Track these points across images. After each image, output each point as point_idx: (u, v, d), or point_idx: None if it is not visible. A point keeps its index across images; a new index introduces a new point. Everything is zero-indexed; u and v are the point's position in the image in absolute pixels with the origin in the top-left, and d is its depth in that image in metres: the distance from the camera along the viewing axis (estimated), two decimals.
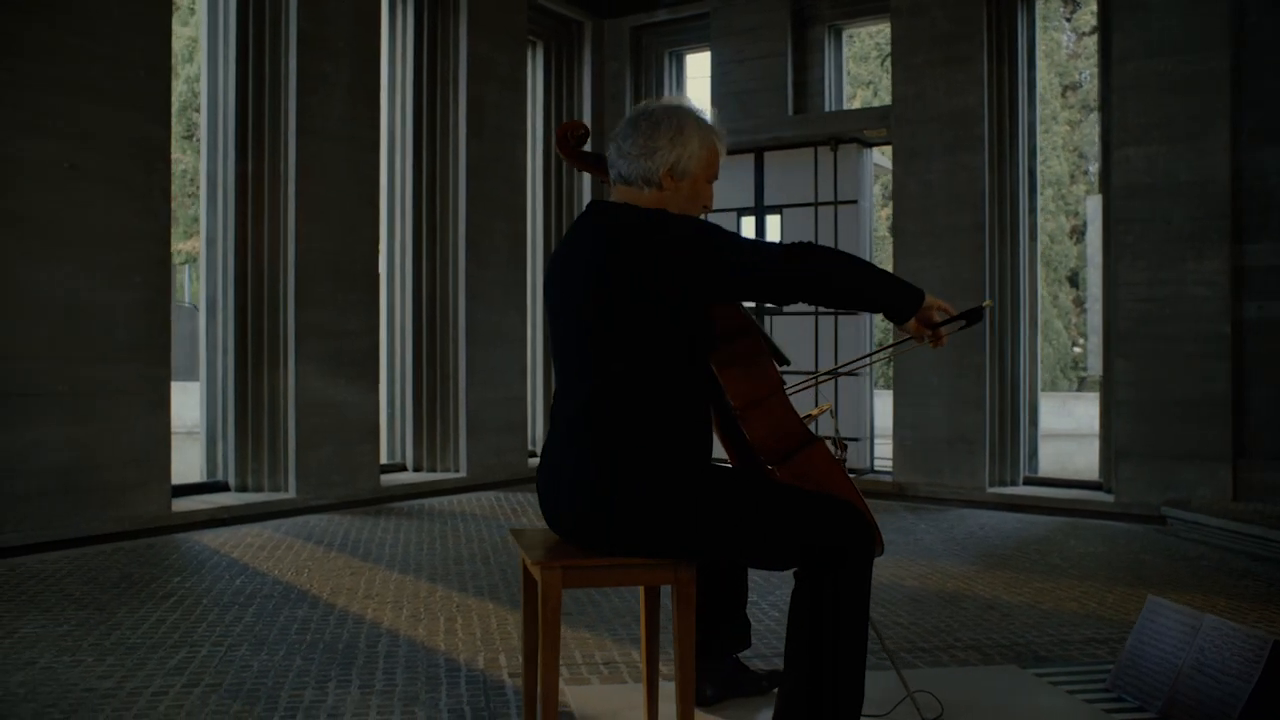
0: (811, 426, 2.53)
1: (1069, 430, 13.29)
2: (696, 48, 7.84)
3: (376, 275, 6.06)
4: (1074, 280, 17.15)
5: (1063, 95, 16.43)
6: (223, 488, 5.52)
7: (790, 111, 7.15)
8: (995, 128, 6.30)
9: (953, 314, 2.28)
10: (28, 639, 3.17)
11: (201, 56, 5.65)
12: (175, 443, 5.04)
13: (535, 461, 7.05)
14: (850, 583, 2.13)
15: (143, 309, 4.79)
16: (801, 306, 6.98)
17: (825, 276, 2.19)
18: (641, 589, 2.51)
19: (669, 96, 2.38)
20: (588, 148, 2.69)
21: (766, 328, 7.17)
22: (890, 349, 2.62)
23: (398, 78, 6.63)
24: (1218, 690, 2.55)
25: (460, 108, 6.62)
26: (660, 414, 2.17)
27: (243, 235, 5.51)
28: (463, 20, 6.60)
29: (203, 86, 5.60)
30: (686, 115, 2.29)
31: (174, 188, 5.02)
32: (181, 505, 5.07)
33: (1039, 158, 6.70)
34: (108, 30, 4.63)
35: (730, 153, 7.65)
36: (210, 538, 4.81)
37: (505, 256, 6.90)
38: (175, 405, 5.02)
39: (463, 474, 6.56)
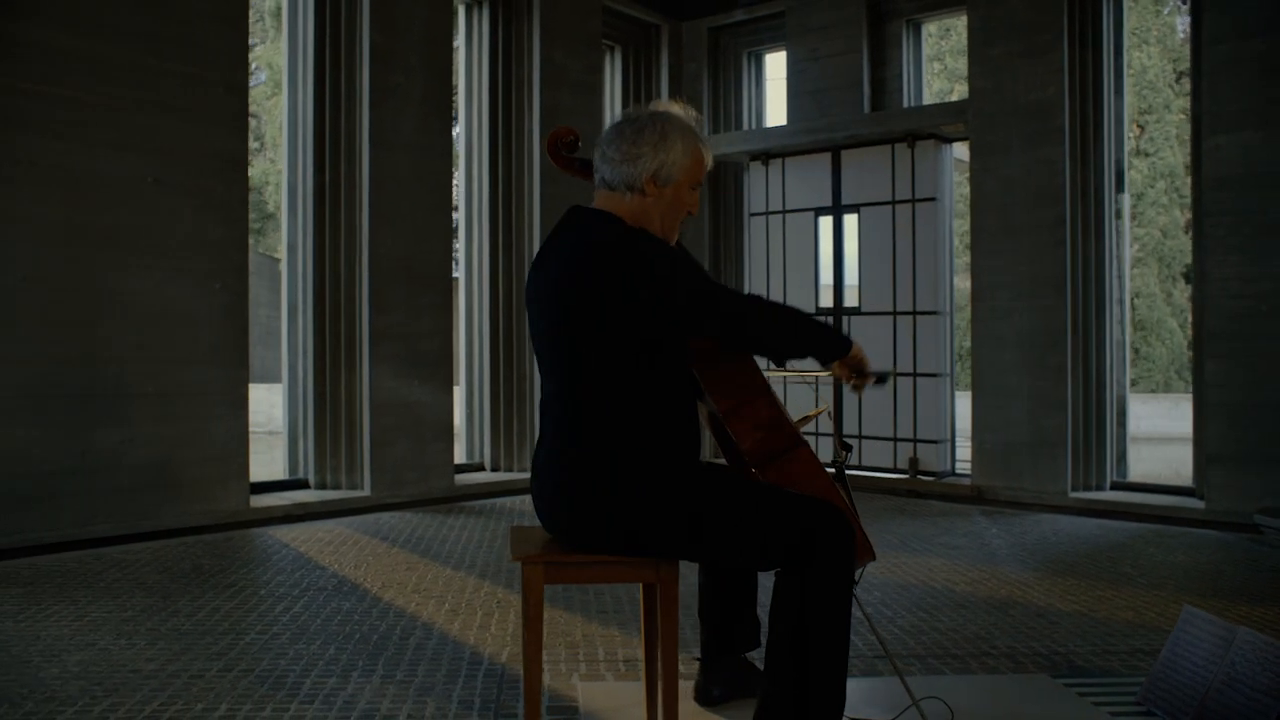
0: (811, 428, 2.51)
1: (1184, 434, 12.58)
2: (775, 47, 7.79)
3: (450, 279, 6.23)
4: (1189, 276, 16.34)
5: (1176, 82, 15.62)
6: (303, 485, 5.77)
7: (867, 109, 7.04)
8: (1078, 119, 6.07)
9: (868, 366, 2.38)
10: (94, 622, 3.39)
11: (283, 73, 5.91)
12: (268, 441, 5.29)
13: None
14: (827, 582, 2.11)
15: (223, 314, 5.05)
16: (877, 305, 6.87)
17: (761, 335, 2.26)
18: (641, 587, 2.53)
19: (658, 102, 2.39)
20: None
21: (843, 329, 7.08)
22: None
23: (474, 86, 6.80)
24: (1248, 707, 2.42)
25: (534, 114, 6.75)
26: (636, 417, 2.19)
27: (320, 242, 5.75)
28: (535, 28, 6.73)
29: (283, 101, 5.87)
30: (671, 122, 2.29)
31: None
32: (260, 501, 5.32)
33: (1153, 148, 6.39)
34: (189, 52, 4.90)
35: (806, 152, 7.57)
36: (284, 533, 5.03)
37: None
38: (266, 405, 5.27)
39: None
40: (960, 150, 6.84)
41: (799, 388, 7.16)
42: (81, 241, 4.56)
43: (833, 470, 2.54)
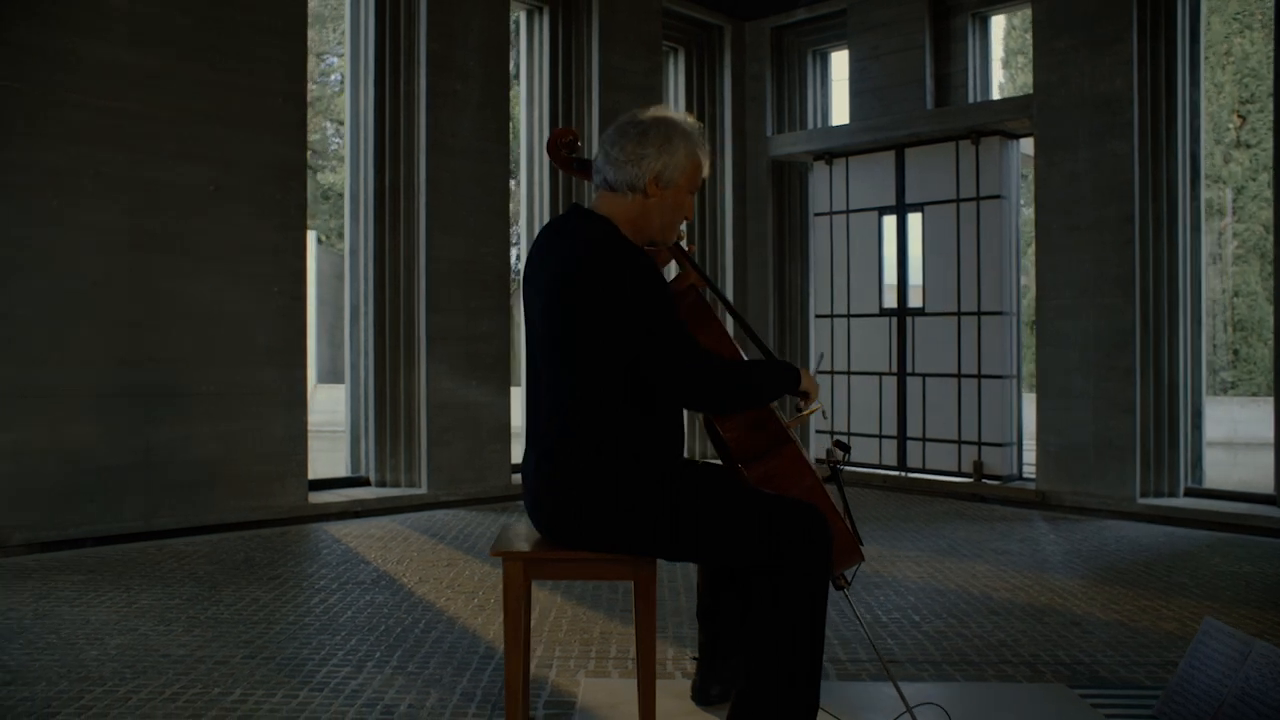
0: (815, 428, 2.49)
1: None
2: (840, 46, 7.70)
3: (508, 282, 6.33)
4: None
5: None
6: (364, 482, 5.93)
7: (931, 105, 6.90)
8: (1149, 112, 5.85)
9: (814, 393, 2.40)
10: (141, 609, 3.56)
11: (345, 81, 6.10)
12: (333, 440, 5.46)
13: None
14: (801, 584, 2.10)
15: (281, 316, 5.23)
16: (941, 305, 6.74)
17: (718, 398, 2.23)
18: (632, 585, 2.54)
19: (659, 107, 2.39)
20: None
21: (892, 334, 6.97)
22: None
23: (535, 90, 6.89)
24: None
25: (593, 117, 6.81)
26: (616, 415, 2.20)
27: (380, 245, 5.91)
28: (594, 31, 6.79)
29: (346, 108, 6.05)
30: (674, 126, 2.30)
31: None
32: (318, 498, 5.50)
33: (1255, 139, 6.10)
34: (249, 65, 5.10)
35: (868, 151, 7.47)
36: (339, 529, 5.19)
37: None
38: (332, 404, 5.44)
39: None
40: (1028, 146, 6.66)
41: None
42: (145, 247, 4.79)
43: (825, 471, 2.52)
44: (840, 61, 7.91)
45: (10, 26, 4.43)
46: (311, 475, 5.52)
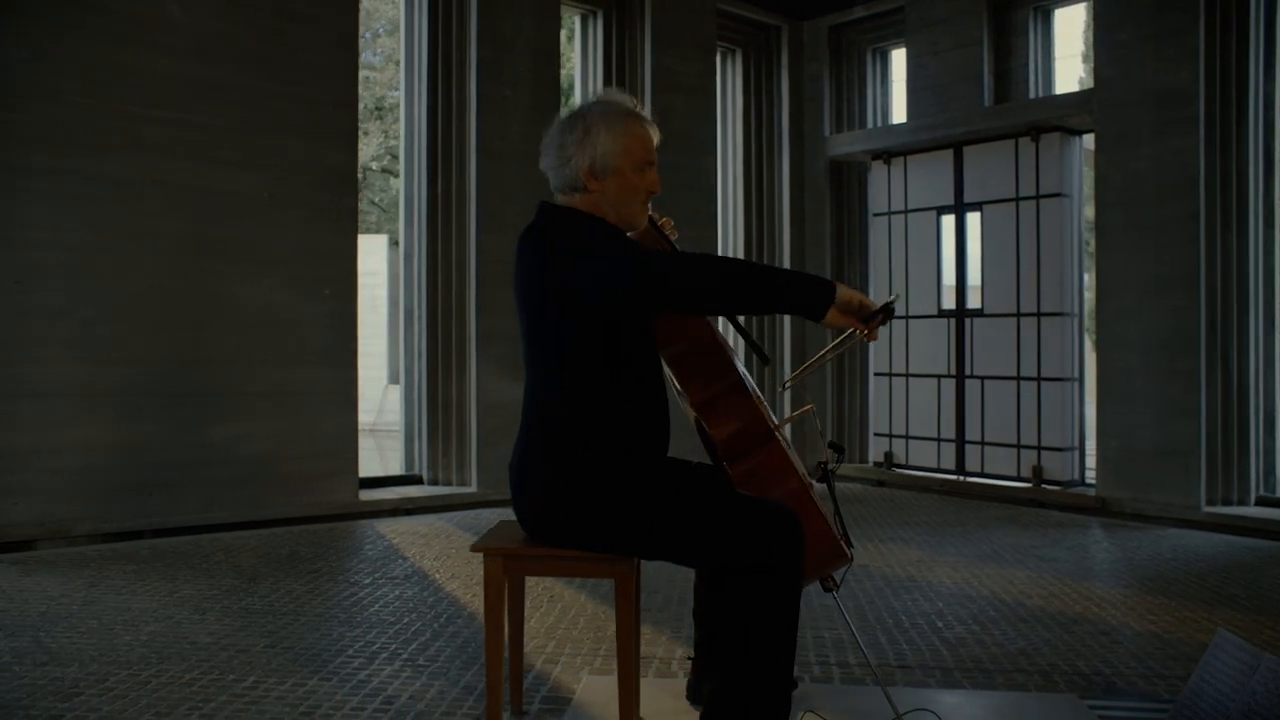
0: (793, 428, 2.46)
1: None
2: (900, 43, 7.58)
3: None
4: None
5: None
6: (416, 480, 6.07)
7: (990, 101, 6.75)
8: (1217, 105, 5.62)
9: (872, 306, 2.16)
10: (181, 598, 3.72)
11: (401, 89, 6.25)
12: (390, 440, 5.60)
13: None
14: (772, 587, 2.08)
15: (333, 318, 5.40)
16: (1001, 306, 6.59)
17: (721, 283, 2.09)
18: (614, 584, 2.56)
19: (594, 94, 2.38)
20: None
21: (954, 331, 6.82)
22: (831, 349, 2.41)
23: (589, 92, 6.96)
24: None
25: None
26: (597, 412, 2.22)
27: (434, 249, 6.04)
28: (647, 34, 6.83)
29: (401, 116, 6.20)
30: (592, 113, 2.27)
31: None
32: (370, 495, 5.64)
33: None
34: (302, 75, 5.28)
35: (926, 149, 7.32)
36: (387, 525, 5.32)
37: None
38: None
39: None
40: (1090, 142, 6.46)
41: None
42: (202, 252, 4.99)
43: (814, 473, 2.50)
44: (901, 60, 7.78)
45: (80, 44, 4.66)
46: (381, 474, 5.66)
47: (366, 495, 5.62)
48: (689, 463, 2.49)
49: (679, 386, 2.39)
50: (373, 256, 12.49)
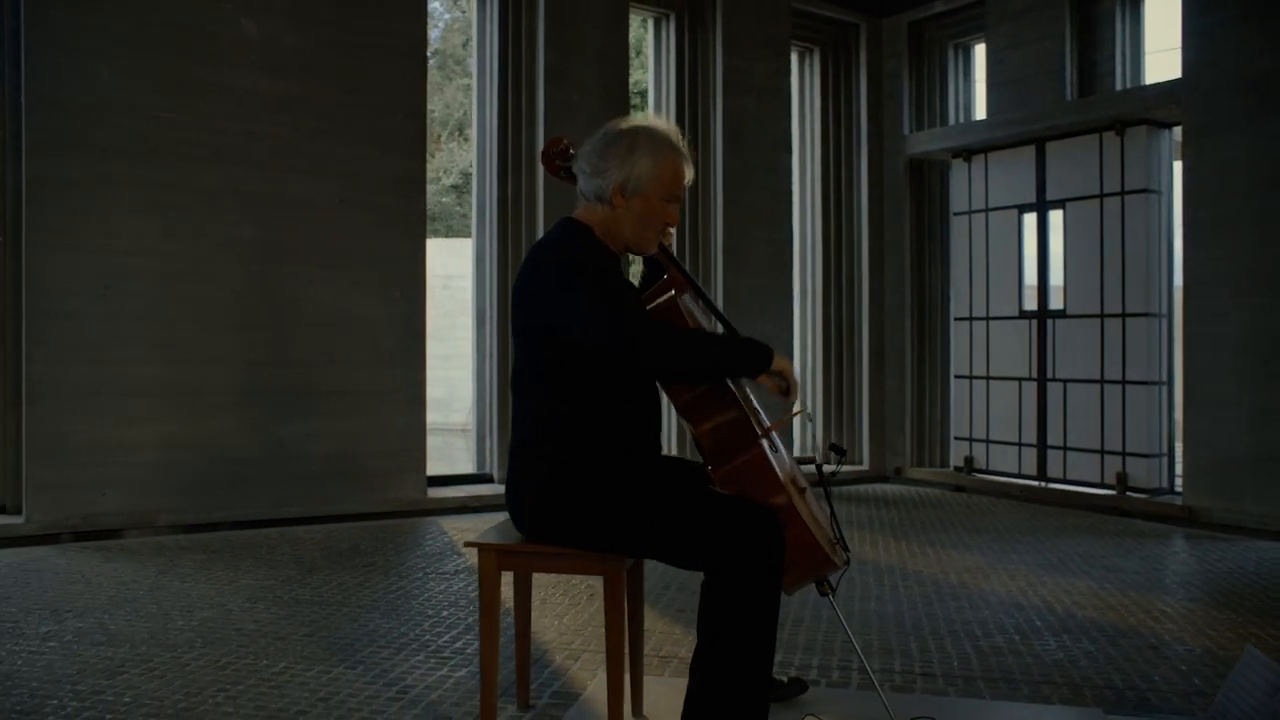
0: (788, 430, 2.44)
1: None
2: (981, 37, 7.38)
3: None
4: None
5: None
6: (487, 479, 6.20)
7: (1073, 95, 6.52)
8: None
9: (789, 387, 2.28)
10: (238, 587, 3.90)
11: (472, 96, 6.40)
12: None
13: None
14: (748, 589, 2.08)
15: (402, 320, 5.56)
16: (1084, 307, 6.36)
17: (663, 362, 2.18)
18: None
19: (641, 117, 2.44)
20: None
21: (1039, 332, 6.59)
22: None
23: (663, 96, 6.99)
24: None
25: (717, 121, 6.84)
26: (582, 415, 2.27)
27: (503, 252, 6.16)
28: (718, 35, 6.82)
29: (473, 121, 6.35)
30: (640, 135, 2.33)
31: None
32: (438, 492, 5.79)
33: None
34: (372, 85, 5.46)
35: (1007, 146, 7.15)
36: (452, 522, 5.45)
37: (766, 265, 7.00)
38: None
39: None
40: (1180, 135, 6.17)
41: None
42: (276, 258, 5.22)
43: (813, 474, 2.47)
44: (983, 55, 7.57)
45: (162, 61, 4.93)
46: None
47: (435, 493, 5.77)
48: (679, 461, 2.50)
49: (664, 389, 2.40)
50: (464, 259, 12.77)
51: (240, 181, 5.13)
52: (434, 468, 6.29)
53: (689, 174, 2.40)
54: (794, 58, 7.70)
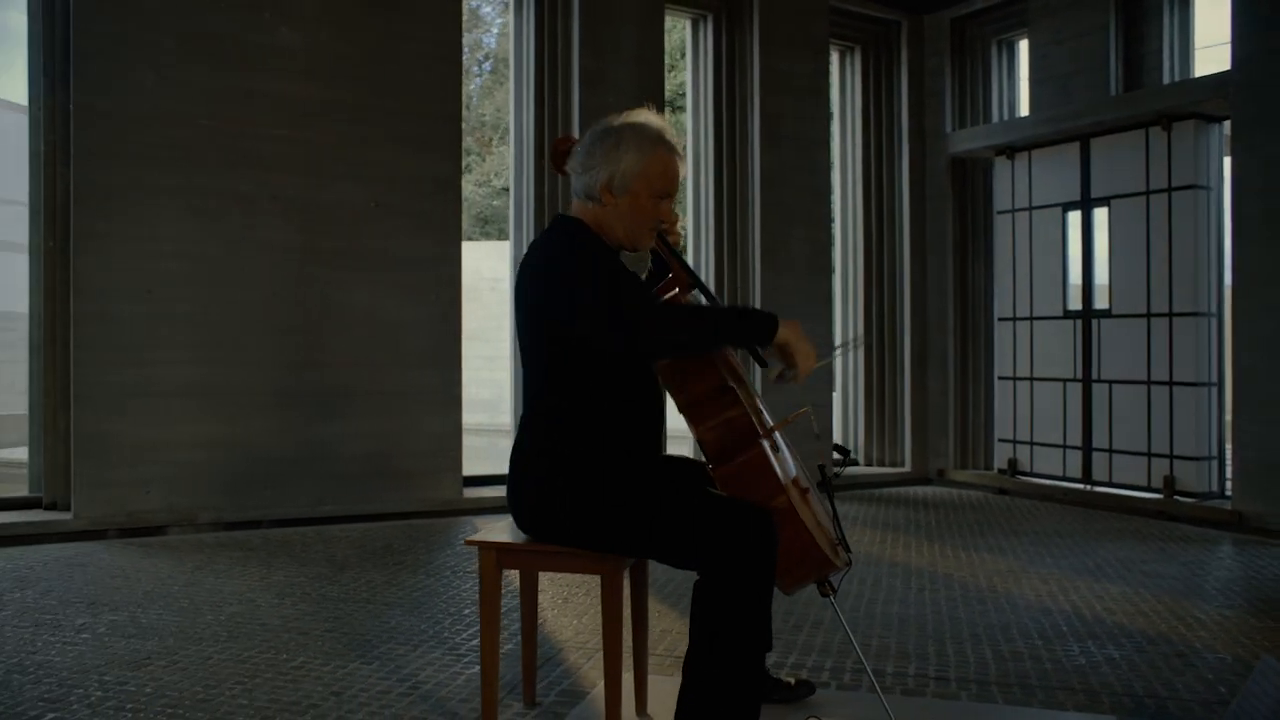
0: (786, 432, 2.42)
1: None
2: (1025, 33, 7.26)
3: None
4: None
5: None
6: None
7: (1118, 90, 6.38)
8: None
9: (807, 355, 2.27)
10: (269, 584, 3.99)
11: (510, 100, 6.46)
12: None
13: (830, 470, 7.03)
14: (736, 590, 2.08)
15: (438, 322, 5.63)
16: (1130, 306, 6.22)
17: (665, 334, 2.18)
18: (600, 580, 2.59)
19: (632, 112, 2.42)
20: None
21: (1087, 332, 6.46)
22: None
23: (701, 98, 6.99)
24: None
25: (754, 122, 6.82)
26: (582, 413, 2.28)
27: None
28: (755, 35, 6.80)
29: (510, 124, 6.41)
30: (625, 131, 2.33)
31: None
32: (475, 492, 5.85)
33: None
34: (409, 90, 5.54)
35: (1051, 143, 7.05)
36: (487, 522, 5.51)
37: (804, 265, 6.95)
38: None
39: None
40: (1230, 129, 6.00)
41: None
42: (313, 261, 5.32)
43: (831, 473, 2.46)
44: (1027, 51, 7.45)
45: (204, 70, 5.07)
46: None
47: (472, 492, 5.84)
48: (681, 460, 2.50)
49: (664, 383, 2.40)
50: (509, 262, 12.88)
51: (279, 186, 5.24)
52: (480, 468, 6.38)
53: (681, 169, 2.39)
54: (835, 57, 7.65)
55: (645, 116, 2.40)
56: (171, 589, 3.90)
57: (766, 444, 2.30)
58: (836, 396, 7.69)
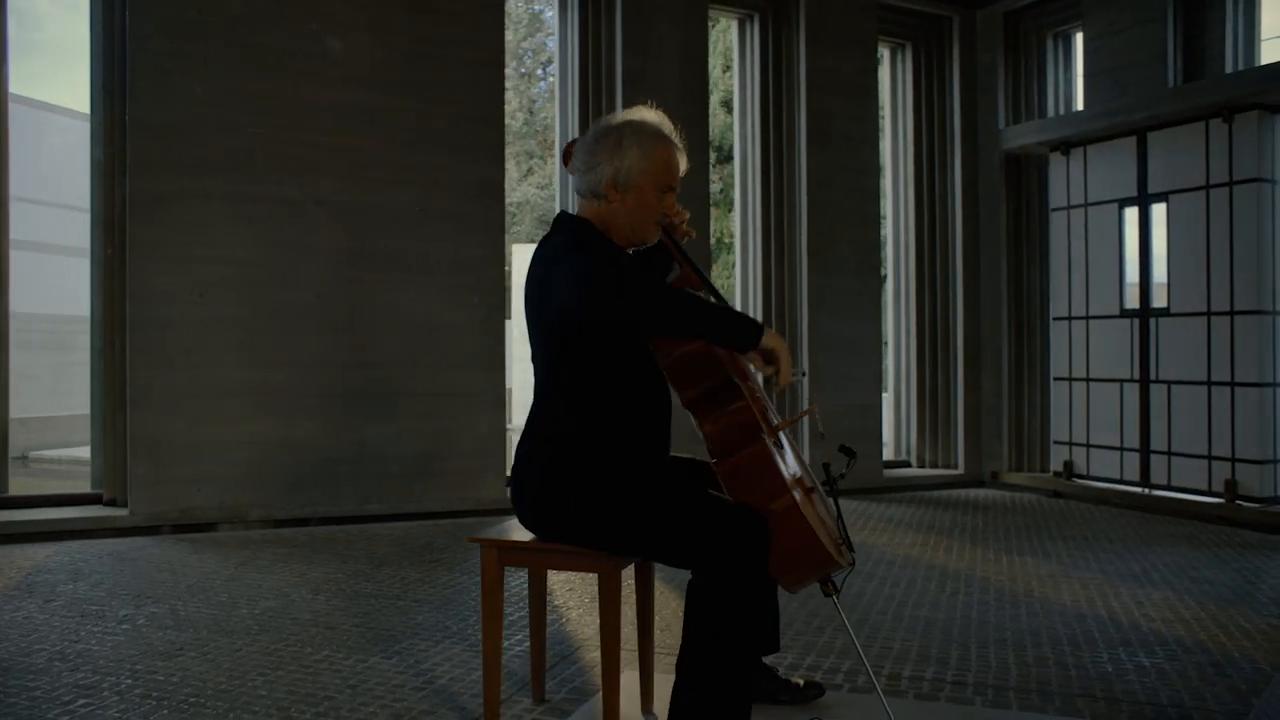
0: (792, 430, 2.41)
1: None
2: (1081, 25, 7.08)
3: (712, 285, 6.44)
4: None
5: None
6: None
7: (1175, 81, 6.19)
8: None
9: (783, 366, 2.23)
10: (306, 579, 4.09)
11: (555, 103, 6.52)
12: None
13: (890, 472, 6.94)
14: (728, 588, 2.08)
15: (483, 324, 5.71)
16: (1189, 305, 6.04)
17: (657, 313, 2.18)
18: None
19: (633, 109, 2.45)
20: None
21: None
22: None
23: (748, 97, 6.97)
24: None
25: (801, 121, 6.78)
26: (585, 413, 2.30)
27: None
28: (802, 34, 6.76)
29: (555, 125, 6.47)
30: (627, 128, 2.36)
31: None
32: None
33: None
34: (453, 95, 5.64)
35: (1106, 138, 6.94)
36: None
37: (853, 266, 6.89)
38: None
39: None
40: None
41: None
42: (360, 264, 5.44)
43: (836, 473, 2.43)
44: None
45: (253, 80, 5.22)
46: None
47: None
48: (685, 460, 2.51)
49: (669, 380, 2.40)
50: None
51: (325, 192, 5.37)
52: None
53: (683, 164, 2.41)
54: (885, 54, 7.57)
55: (644, 113, 2.42)
56: (214, 583, 4.02)
57: (770, 441, 2.29)
58: (888, 397, 7.61)
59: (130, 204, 5.05)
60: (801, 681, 2.69)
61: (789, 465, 2.34)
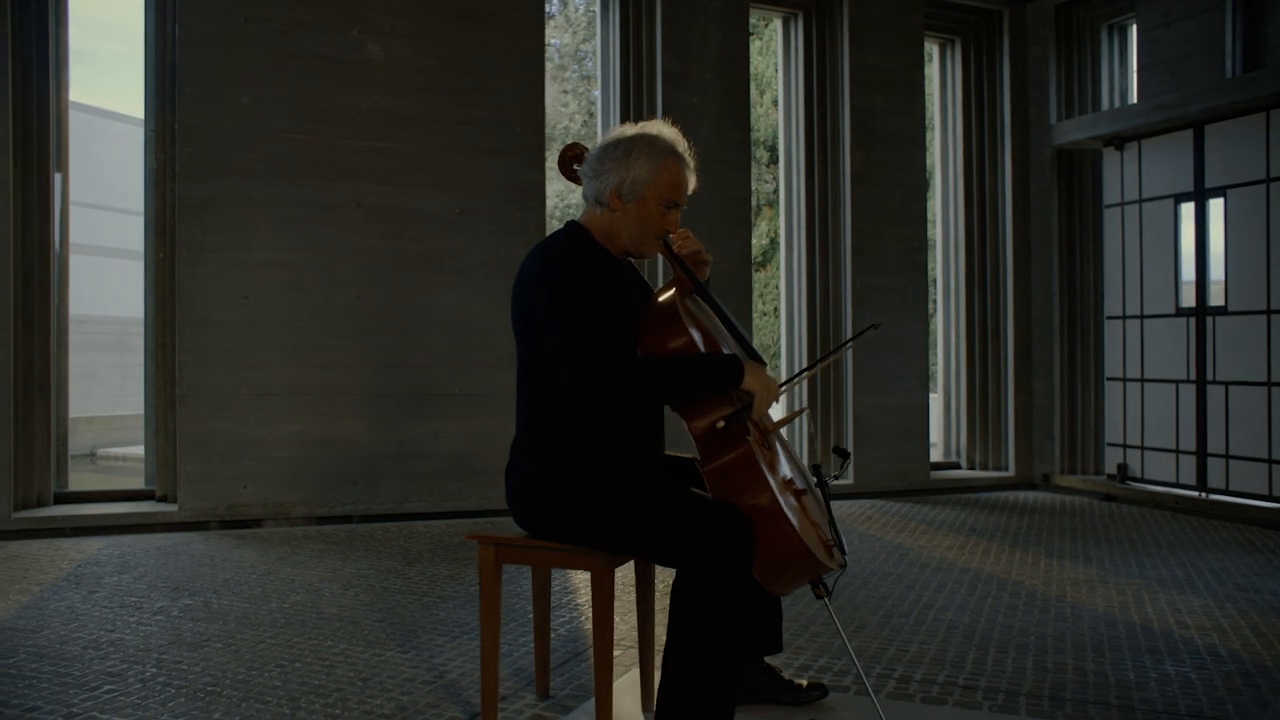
0: (789, 430, 2.40)
1: None
2: (1134, 17, 6.89)
3: (749, 288, 6.43)
4: None
5: None
6: None
7: (1234, 71, 5.99)
8: None
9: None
10: (339, 575, 4.18)
11: (598, 105, 6.55)
12: None
13: (938, 474, 6.83)
14: (711, 588, 2.09)
15: None
16: (1248, 303, 5.85)
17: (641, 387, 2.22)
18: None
19: (646, 123, 2.46)
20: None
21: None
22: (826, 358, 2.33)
23: (792, 96, 6.93)
24: None
25: (844, 118, 6.72)
26: (562, 413, 2.33)
27: None
28: (845, 30, 6.70)
29: (597, 127, 6.50)
30: (639, 140, 2.38)
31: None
32: None
33: None
34: (492, 99, 5.70)
35: (1162, 131, 6.78)
36: None
37: (898, 264, 6.80)
38: None
39: (848, 480, 6.60)
40: None
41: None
42: (399, 266, 5.53)
43: (830, 475, 2.43)
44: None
45: (295, 87, 5.35)
46: None
47: None
48: (676, 460, 2.51)
49: None
50: None
51: (366, 196, 5.48)
52: None
53: (692, 182, 2.42)
54: (934, 50, 7.46)
55: (659, 128, 2.44)
56: (249, 577, 4.13)
57: (755, 443, 2.29)
58: (937, 398, 7.49)
59: (179, 208, 5.21)
60: (805, 683, 2.68)
61: (779, 468, 2.33)
